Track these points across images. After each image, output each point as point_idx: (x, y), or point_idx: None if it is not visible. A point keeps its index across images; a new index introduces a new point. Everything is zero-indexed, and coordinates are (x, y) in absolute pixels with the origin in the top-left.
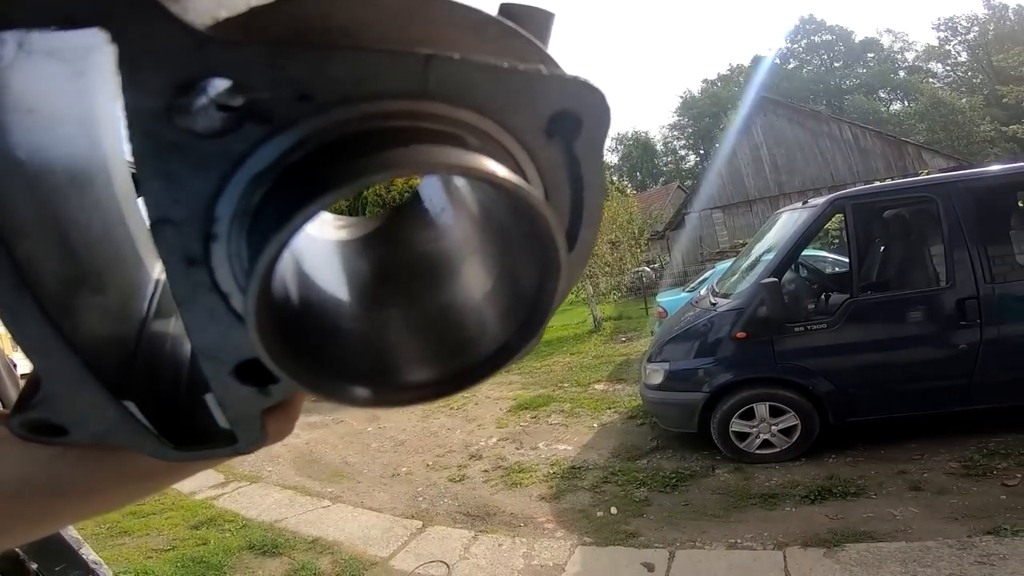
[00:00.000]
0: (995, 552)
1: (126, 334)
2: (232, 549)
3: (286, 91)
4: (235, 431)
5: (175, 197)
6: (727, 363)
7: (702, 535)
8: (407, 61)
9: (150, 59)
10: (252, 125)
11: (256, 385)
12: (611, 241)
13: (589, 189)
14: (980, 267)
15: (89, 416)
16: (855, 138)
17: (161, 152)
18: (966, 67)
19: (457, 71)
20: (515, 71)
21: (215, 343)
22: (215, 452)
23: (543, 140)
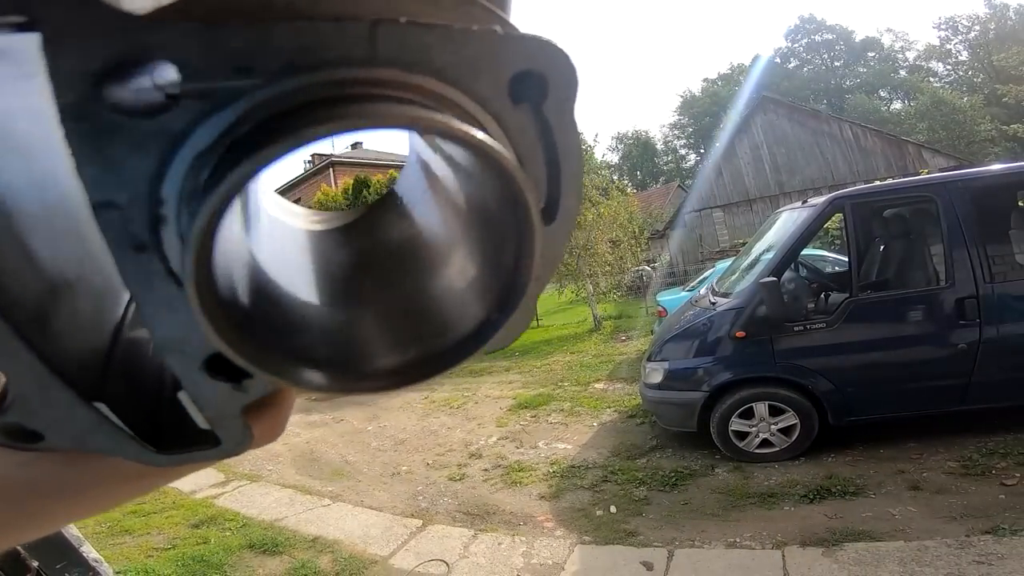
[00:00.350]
0: (993, 552)
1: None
2: (232, 548)
3: (223, 65)
4: (216, 431)
5: (116, 180)
6: (726, 362)
7: (701, 534)
8: (353, 27)
9: (73, 42)
10: (190, 101)
11: (229, 380)
12: (611, 240)
13: (565, 154)
14: (979, 266)
15: (62, 420)
16: (855, 137)
17: (95, 135)
18: (967, 66)
19: (407, 34)
20: (468, 31)
21: (178, 335)
22: (199, 455)
23: (508, 104)
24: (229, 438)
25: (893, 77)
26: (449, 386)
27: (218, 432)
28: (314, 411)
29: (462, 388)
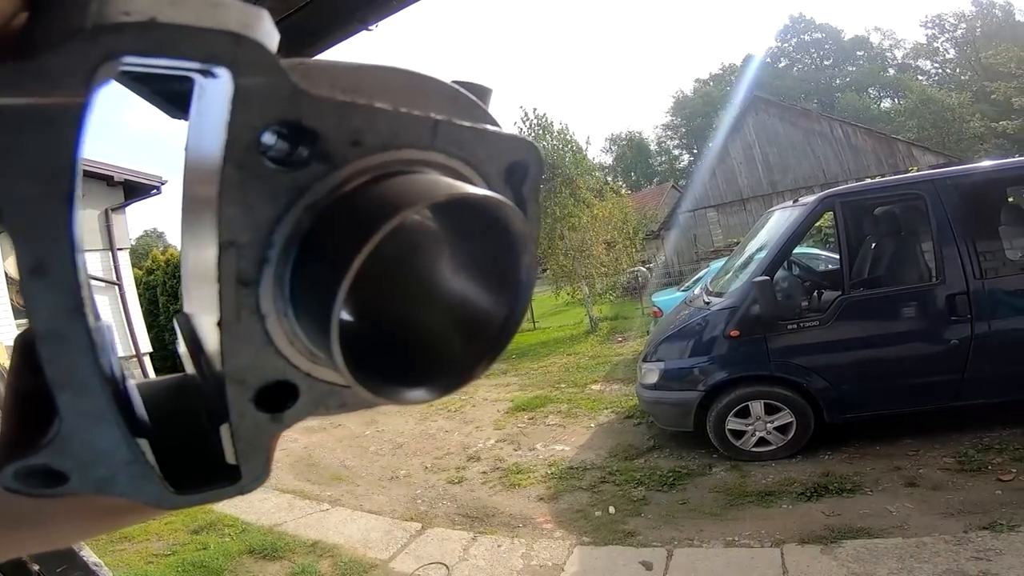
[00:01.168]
0: (991, 547)
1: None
2: (232, 553)
3: (345, 137)
4: (241, 465)
5: (246, 222)
6: (722, 361)
7: (700, 533)
8: (424, 122)
9: (258, 98)
10: (317, 163)
11: (271, 411)
12: (607, 241)
13: (531, 222)
14: (970, 263)
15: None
16: (846, 136)
17: (247, 180)
18: (954, 64)
19: (455, 131)
20: (491, 132)
21: (245, 365)
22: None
23: (503, 184)
24: (250, 472)
25: (882, 76)
26: None
27: (243, 466)
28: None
29: (460, 392)
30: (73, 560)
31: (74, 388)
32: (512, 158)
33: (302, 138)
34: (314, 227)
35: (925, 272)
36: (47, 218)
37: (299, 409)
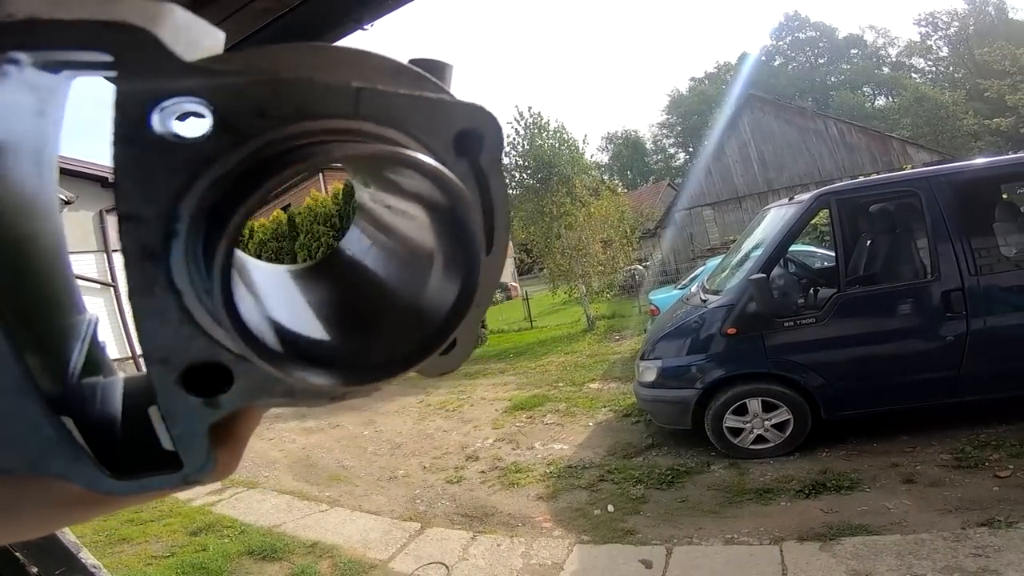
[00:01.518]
0: (990, 544)
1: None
2: (231, 555)
3: (249, 109)
4: (180, 452)
5: (145, 195)
6: (719, 359)
7: (699, 531)
8: (344, 90)
9: (140, 76)
10: (222, 135)
11: (203, 395)
12: (603, 240)
13: (496, 196)
14: (965, 259)
15: (23, 436)
16: (841, 134)
17: (139, 155)
18: (948, 62)
19: (381, 98)
20: (426, 98)
21: (165, 344)
22: (158, 481)
23: (453, 155)
24: (192, 461)
25: (876, 73)
26: (444, 389)
27: (182, 453)
28: (309, 417)
29: (457, 391)
30: (72, 562)
31: None
32: (461, 126)
33: (199, 113)
34: (220, 199)
35: (920, 269)
36: None
37: (236, 395)
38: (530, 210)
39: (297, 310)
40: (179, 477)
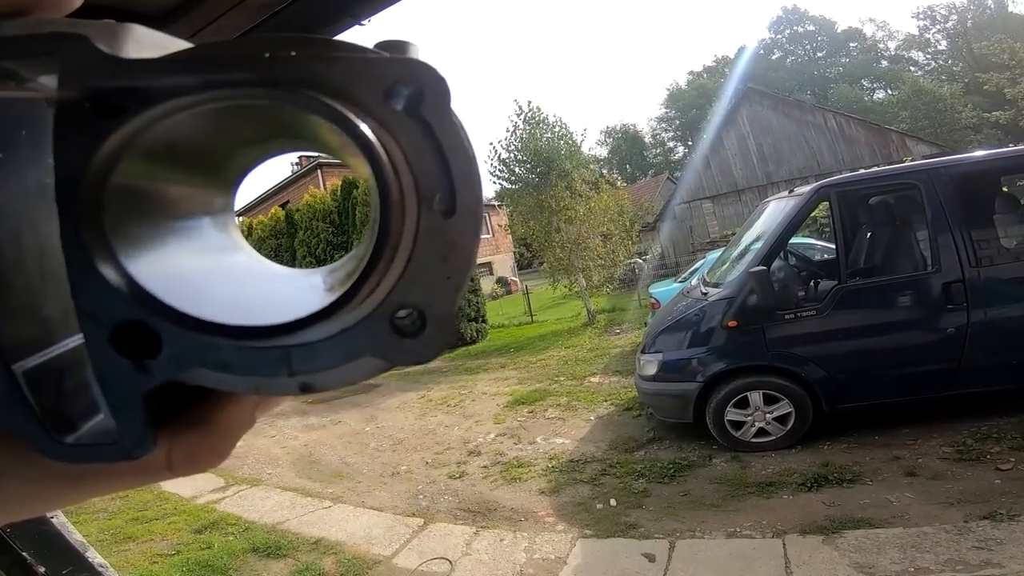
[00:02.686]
0: (992, 537)
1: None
2: (236, 552)
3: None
4: (116, 420)
5: (78, 162)
6: (719, 352)
7: (701, 525)
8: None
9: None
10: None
11: (132, 357)
12: (603, 234)
13: (452, 151)
14: (965, 251)
15: None
16: (840, 127)
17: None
18: (946, 55)
19: (297, 62)
20: (344, 58)
21: (96, 300)
22: (96, 451)
23: (388, 108)
24: (128, 432)
25: (875, 67)
26: (445, 384)
27: (117, 421)
28: (311, 414)
29: (458, 386)
30: (79, 561)
31: None
32: (391, 81)
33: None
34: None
35: (920, 261)
36: None
37: (166, 363)
38: (530, 204)
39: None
40: (117, 450)
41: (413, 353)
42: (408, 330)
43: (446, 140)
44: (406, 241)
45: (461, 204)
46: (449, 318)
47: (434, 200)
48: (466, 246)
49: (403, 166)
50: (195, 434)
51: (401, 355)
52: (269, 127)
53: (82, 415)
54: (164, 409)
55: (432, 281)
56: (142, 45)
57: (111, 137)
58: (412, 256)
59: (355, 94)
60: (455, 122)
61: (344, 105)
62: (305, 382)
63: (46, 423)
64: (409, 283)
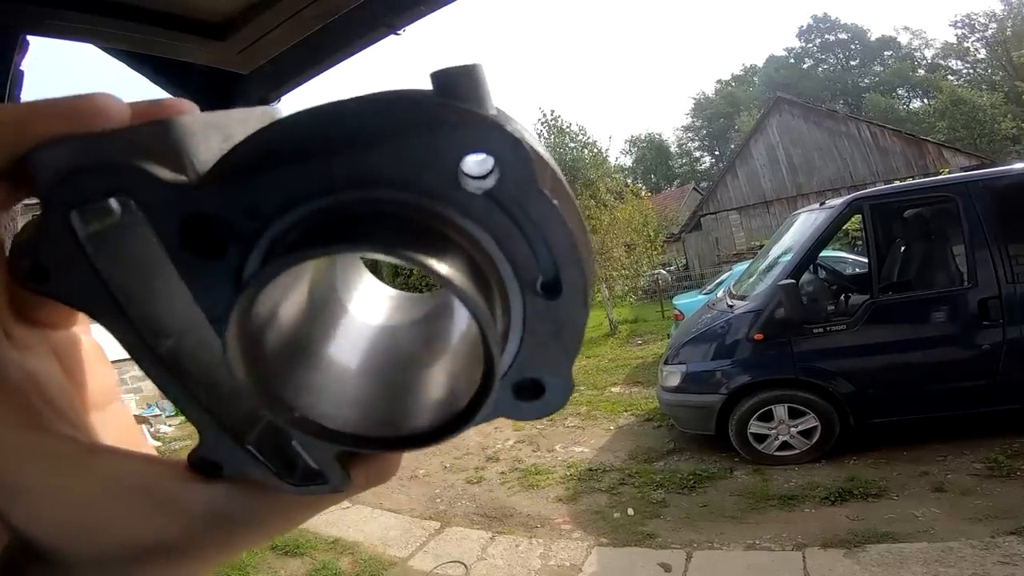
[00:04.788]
0: (1018, 552)
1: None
2: (254, 550)
3: (244, 213)
4: (324, 472)
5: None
6: (745, 365)
7: (720, 536)
8: (313, 168)
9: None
10: (234, 244)
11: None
12: (626, 244)
13: (546, 224)
14: (1002, 267)
15: (228, 455)
16: (873, 137)
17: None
18: (985, 64)
19: (354, 160)
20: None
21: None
22: (315, 488)
23: (464, 192)
24: (333, 478)
25: (912, 76)
26: None
27: (326, 473)
28: None
29: None
30: None
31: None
32: (459, 156)
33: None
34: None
35: (956, 276)
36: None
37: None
38: None
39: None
40: (329, 488)
41: (533, 412)
42: (529, 395)
43: (537, 215)
44: (516, 326)
45: (567, 281)
46: (565, 383)
47: (536, 282)
48: (577, 322)
49: (496, 252)
50: (375, 464)
51: (522, 414)
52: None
53: (297, 461)
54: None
55: (547, 356)
56: (201, 137)
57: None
58: (524, 338)
59: (423, 183)
60: (543, 192)
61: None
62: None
63: (276, 471)
64: (526, 360)
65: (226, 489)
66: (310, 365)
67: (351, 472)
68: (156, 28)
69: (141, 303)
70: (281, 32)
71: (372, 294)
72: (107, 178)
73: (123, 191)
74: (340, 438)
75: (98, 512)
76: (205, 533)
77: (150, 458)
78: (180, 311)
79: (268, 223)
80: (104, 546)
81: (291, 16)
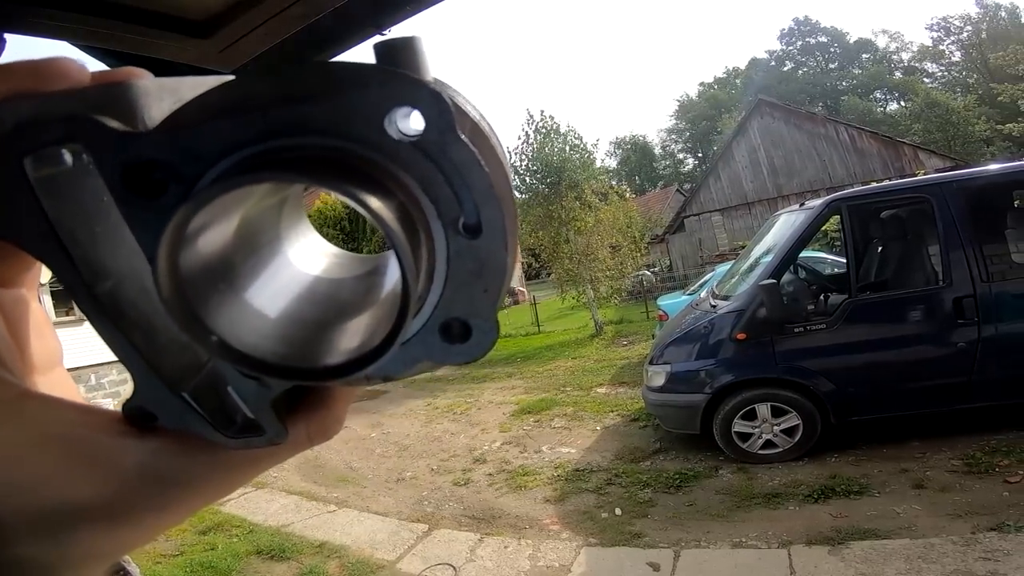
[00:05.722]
0: (999, 548)
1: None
2: (240, 554)
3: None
4: (260, 422)
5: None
6: (728, 364)
7: (707, 535)
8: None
9: (104, 153)
10: (175, 186)
11: (255, 378)
12: (611, 245)
13: (466, 169)
14: (976, 266)
15: (164, 405)
16: (852, 139)
17: (129, 209)
18: (960, 66)
19: (289, 111)
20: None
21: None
22: (252, 440)
23: (390, 139)
24: (270, 428)
25: (889, 78)
26: (452, 392)
27: (260, 422)
28: None
29: (465, 394)
30: None
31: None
32: (386, 108)
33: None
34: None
35: (932, 275)
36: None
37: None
38: (539, 215)
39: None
40: (266, 439)
41: (462, 355)
42: (456, 338)
43: (458, 160)
44: (440, 265)
45: (486, 221)
46: (491, 324)
47: (459, 222)
48: (498, 260)
49: (419, 193)
50: (321, 410)
51: (452, 357)
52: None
53: (236, 410)
54: (293, 397)
55: (471, 296)
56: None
57: (164, 233)
58: (448, 277)
59: (352, 131)
60: (463, 140)
61: (346, 145)
62: (382, 379)
63: (214, 423)
64: (450, 301)
65: (160, 444)
66: (237, 298)
67: (288, 426)
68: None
69: (83, 245)
70: (265, 30)
71: (315, 249)
72: (61, 128)
73: (75, 139)
74: (254, 364)
75: (25, 465)
76: (138, 492)
77: (85, 407)
78: (121, 257)
79: (208, 167)
80: (33, 506)
81: (275, 14)
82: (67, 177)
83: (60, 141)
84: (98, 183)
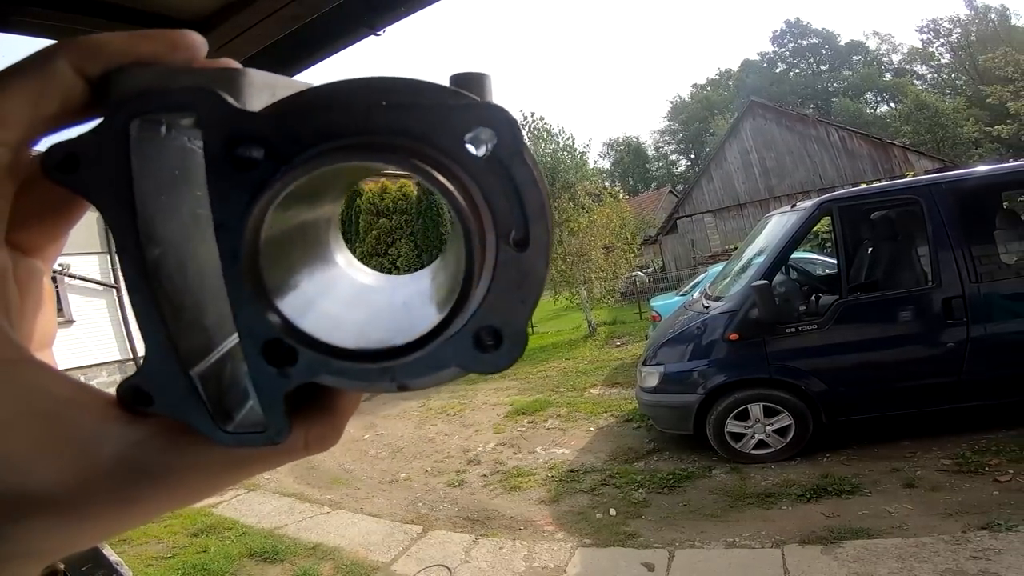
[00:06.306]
0: (990, 547)
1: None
2: (233, 556)
3: (289, 138)
4: (265, 416)
5: (228, 208)
6: (721, 365)
7: (701, 535)
8: (357, 109)
9: (213, 124)
10: (268, 161)
11: (277, 366)
12: (605, 246)
13: (524, 188)
14: (965, 267)
15: (165, 386)
16: (842, 141)
17: (218, 179)
18: (950, 68)
19: (390, 112)
20: (428, 105)
21: (252, 323)
22: (249, 438)
23: (467, 154)
24: (272, 424)
25: (879, 80)
26: (446, 394)
27: (266, 417)
28: None
29: (458, 395)
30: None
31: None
32: (470, 126)
33: (254, 145)
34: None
35: (921, 276)
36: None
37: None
38: None
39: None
40: (264, 437)
41: (491, 364)
42: (487, 346)
43: (519, 178)
44: (486, 272)
45: (534, 237)
46: (521, 335)
47: (510, 235)
48: (538, 274)
49: (482, 205)
50: (323, 419)
51: (480, 366)
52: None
53: (236, 406)
54: (299, 401)
55: (508, 305)
56: (257, 89)
57: (260, 200)
58: (492, 285)
59: (437, 141)
60: (527, 162)
61: (431, 153)
62: (403, 384)
63: (211, 412)
64: (489, 308)
65: (146, 435)
66: (295, 279)
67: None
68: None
69: (149, 210)
70: (259, 30)
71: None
72: (188, 96)
73: (193, 109)
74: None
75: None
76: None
77: (79, 384)
78: (172, 229)
79: (305, 149)
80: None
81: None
82: (158, 145)
83: (180, 108)
84: (181, 154)
